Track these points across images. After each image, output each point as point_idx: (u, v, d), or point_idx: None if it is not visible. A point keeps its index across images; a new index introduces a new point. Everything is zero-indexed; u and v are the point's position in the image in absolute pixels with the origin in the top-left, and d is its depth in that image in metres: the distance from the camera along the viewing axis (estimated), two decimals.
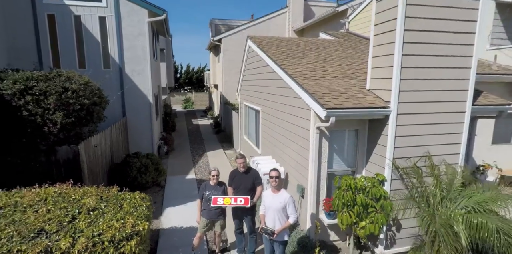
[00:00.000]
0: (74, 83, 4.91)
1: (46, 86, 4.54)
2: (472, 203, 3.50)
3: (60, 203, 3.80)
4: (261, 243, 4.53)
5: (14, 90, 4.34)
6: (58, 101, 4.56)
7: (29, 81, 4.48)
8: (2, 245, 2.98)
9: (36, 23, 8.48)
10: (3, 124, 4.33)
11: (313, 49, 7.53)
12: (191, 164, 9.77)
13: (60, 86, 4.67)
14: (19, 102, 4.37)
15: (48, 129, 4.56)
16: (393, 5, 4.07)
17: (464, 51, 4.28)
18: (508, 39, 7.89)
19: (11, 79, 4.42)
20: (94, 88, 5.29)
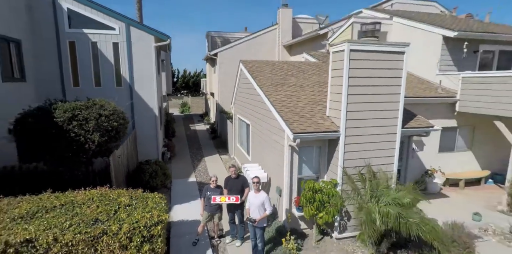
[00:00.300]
0: (106, 110, 6.45)
1: (87, 114, 6.08)
2: (390, 199, 5.12)
3: (104, 201, 5.35)
4: (248, 231, 6.12)
5: (65, 118, 5.87)
6: (95, 125, 6.10)
7: (74, 110, 6.01)
8: (74, 229, 4.54)
9: (59, 48, 9.95)
10: (57, 143, 5.86)
11: (293, 74, 9.12)
12: (192, 168, 11.32)
13: (96, 113, 6.21)
14: (68, 127, 5.89)
15: (88, 146, 6.09)
16: (341, 58, 5.68)
17: (393, 90, 5.92)
18: (453, 65, 9.59)
19: (62, 109, 5.94)
20: (119, 113, 6.82)
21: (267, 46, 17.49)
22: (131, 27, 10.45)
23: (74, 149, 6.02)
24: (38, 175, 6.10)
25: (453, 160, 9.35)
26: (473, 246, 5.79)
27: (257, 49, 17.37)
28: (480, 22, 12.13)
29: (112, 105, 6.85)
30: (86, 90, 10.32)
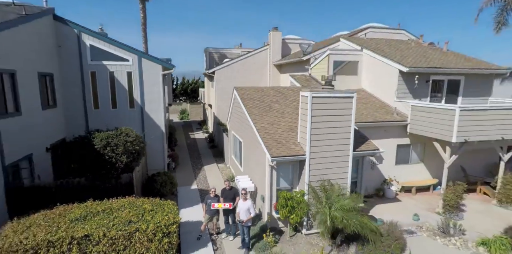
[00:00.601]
0: (130, 136, 8.46)
1: (117, 141, 8.08)
2: (338, 205, 7.16)
3: (133, 208, 7.35)
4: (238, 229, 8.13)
5: (101, 145, 7.87)
6: (123, 149, 8.10)
7: (108, 139, 8.01)
8: (116, 227, 6.54)
9: (82, 77, 11.93)
10: (95, 164, 7.85)
11: (277, 101, 11.15)
12: (193, 177, 13.33)
13: (124, 140, 8.22)
14: (104, 151, 7.89)
15: (118, 165, 8.09)
16: (306, 102, 7.73)
17: (346, 124, 7.98)
18: (409, 93, 11.69)
19: (99, 138, 7.94)
20: (140, 138, 8.82)
21: (260, 65, 19.51)
22: (142, 59, 12.45)
23: (108, 168, 8.02)
24: (81, 188, 8.08)
25: (408, 170, 11.45)
26: (404, 238, 7.87)
27: (250, 67, 19.39)
28: (439, 50, 14.25)
29: (134, 132, 8.85)
30: (104, 112, 12.33)
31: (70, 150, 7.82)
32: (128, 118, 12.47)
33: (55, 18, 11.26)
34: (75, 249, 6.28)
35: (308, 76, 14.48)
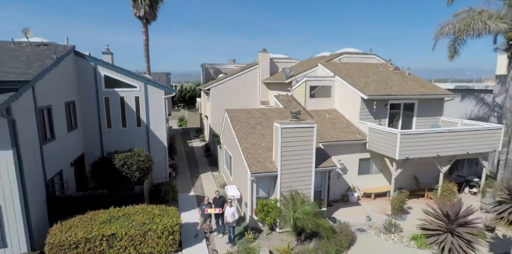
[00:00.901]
0: (141, 156, 10.77)
1: (132, 161, 10.40)
2: (301, 210, 9.51)
3: (145, 213, 9.68)
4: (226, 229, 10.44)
5: (119, 164, 10.18)
6: (136, 167, 10.41)
7: (125, 159, 10.31)
8: (134, 227, 8.89)
9: (98, 102, 14.19)
10: (114, 179, 10.15)
11: (261, 123, 13.46)
12: (191, 185, 15.65)
13: (137, 160, 10.53)
14: (121, 169, 10.20)
15: (132, 179, 10.41)
16: (277, 130, 10.08)
17: (308, 147, 10.34)
18: (370, 115, 14.07)
19: (117, 158, 10.25)
20: (149, 157, 11.12)
21: (250, 82, 21.84)
22: (148, 85, 14.75)
23: (124, 181, 10.34)
24: (104, 197, 10.38)
25: (369, 179, 13.84)
26: (354, 235, 10.24)
27: (242, 84, 21.72)
28: (402, 75, 16.63)
29: (144, 153, 11.16)
30: (116, 130, 14.61)
31: (96, 168, 10.14)
32: (136, 136, 14.77)
33: (76, 53, 13.54)
34: (104, 244, 8.60)
35: (290, 97, 16.82)
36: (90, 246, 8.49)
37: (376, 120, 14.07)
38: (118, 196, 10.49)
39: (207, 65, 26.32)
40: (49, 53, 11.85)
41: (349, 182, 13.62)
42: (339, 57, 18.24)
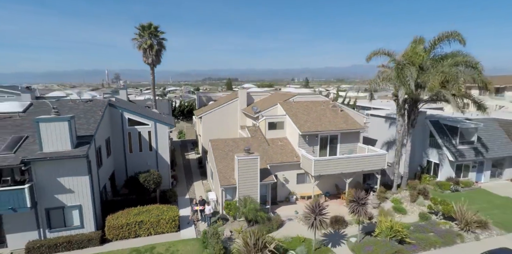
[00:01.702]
0: (155, 175, 17.74)
1: (149, 178, 17.38)
2: (248, 208, 16.34)
3: (159, 209, 16.73)
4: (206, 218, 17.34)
5: (142, 180, 17.15)
6: (153, 182, 17.39)
7: (145, 177, 17.29)
8: (153, 217, 15.96)
9: (123, 135, 21.12)
10: (139, 189, 17.12)
11: (232, 150, 20.32)
12: (186, 190, 22.60)
13: (152, 177, 17.51)
14: (144, 183, 17.18)
15: (149, 189, 17.40)
16: (237, 160, 17.00)
17: (255, 169, 17.28)
18: (306, 143, 20.94)
19: (142, 177, 17.24)
20: (159, 175, 18.07)
21: (232, 111, 28.74)
22: (157, 123, 21.68)
23: (145, 190, 17.33)
24: (133, 200, 17.33)
25: (304, 187, 20.76)
26: (282, 222, 17.17)
27: (226, 113, 28.62)
28: (336, 111, 23.45)
29: (157, 173, 18.15)
30: (135, 154, 21.54)
31: (129, 182, 17.09)
32: (148, 158, 21.71)
33: (110, 105, 20.46)
34: (137, 226, 15.58)
35: (256, 127, 23.71)
36: (129, 227, 15.46)
37: (310, 147, 20.98)
38: (142, 199, 17.43)
39: (201, 94, 33.25)
40: (96, 109, 18.78)
41: (290, 189, 20.55)
42: (293, 97, 25.14)
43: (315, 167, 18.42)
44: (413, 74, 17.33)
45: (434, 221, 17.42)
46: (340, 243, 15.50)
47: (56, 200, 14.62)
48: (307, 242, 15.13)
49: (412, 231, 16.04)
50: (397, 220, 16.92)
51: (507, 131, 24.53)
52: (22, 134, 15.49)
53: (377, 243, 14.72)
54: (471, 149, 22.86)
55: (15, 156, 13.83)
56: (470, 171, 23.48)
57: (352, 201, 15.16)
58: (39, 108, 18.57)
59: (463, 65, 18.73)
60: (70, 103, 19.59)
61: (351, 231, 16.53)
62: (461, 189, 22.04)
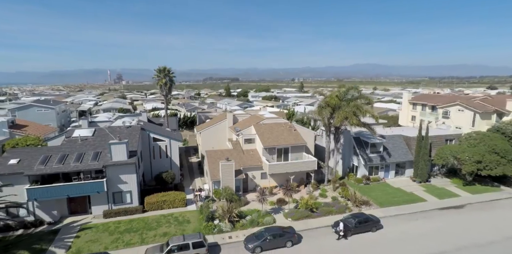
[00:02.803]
0: (171, 174, 29.36)
1: (168, 176, 28.98)
2: (226, 193, 27.72)
3: (174, 194, 28.45)
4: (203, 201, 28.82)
5: (164, 176, 28.75)
6: (170, 178, 29.00)
7: (166, 175, 28.92)
8: (171, 198, 27.77)
9: (149, 148, 32.73)
10: (163, 182, 28.73)
11: (220, 157, 31.76)
12: (190, 183, 34.20)
13: (169, 175, 29.13)
14: (165, 178, 28.80)
15: (169, 182, 29.03)
16: (220, 165, 28.52)
17: (231, 170, 28.81)
18: (268, 153, 32.47)
19: (164, 175, 28.84)
20: (174, 174, 29.62)
21: (223, 128, 40.19)
22: (171, 140, 33.25)
23: (166, 183, 28.97)
24: (159, 188, 28.91)
25: (266, 181, 32.19)
26: (248, 202, 28.66)
27: (219, 129, 40.06)
28: (292, 130, 34.88)
29: (173, 172, 29.79)
30: (157, 160, 33.19)
31: (156, 178, 28.63)
32: (165, 162, 33.26)
33: (142, 129, 32.01)
34: (162, 203, 27.22)
35: (237, 141, 35.16)
36: (158, 203, 27.07)
37: (271, 156, 32.38)
38: (163, 188, 28.98)
39: (200, 113, 44.64)
40: (134, 132, 30.36)
41: (256, 182, 32.01)
42: (264, 121, 36.53)
43: (270, 168, 29.89)
44: (327, 113, 28.75)
45: (338, 201, 28.88)
46: (279, 212, 27.01)
47: (118, 187, 26.19)
48: (259, 212, 26.62)
49: (322, 206, 27.51)
50: (318, 201, 28.41)
51: (407, 143, 35.90)
52: (97, 150, 27.05)
53: (298, 212, 26.24)
54: (378, 156, 34.27)
55: (98, 163, 25.39)
56: (379, 171, 34.91)
57: (284, 188, 26.71)
58: (100, 132, 30.11)
59: (365, 103, 30.14)
60: (118, 129, 31.15)
61: (288, 207, 28.02)
62: (371, 183, 33.49)
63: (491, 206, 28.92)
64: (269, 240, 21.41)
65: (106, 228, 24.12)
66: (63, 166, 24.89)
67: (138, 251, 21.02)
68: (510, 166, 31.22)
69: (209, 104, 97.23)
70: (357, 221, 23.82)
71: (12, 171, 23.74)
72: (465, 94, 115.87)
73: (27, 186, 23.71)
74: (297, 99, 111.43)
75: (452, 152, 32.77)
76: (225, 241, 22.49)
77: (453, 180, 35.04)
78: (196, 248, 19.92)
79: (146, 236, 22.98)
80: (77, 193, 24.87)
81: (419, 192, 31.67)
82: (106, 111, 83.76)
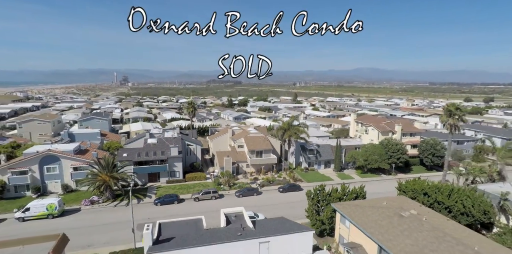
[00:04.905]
0: (198, 164, 55.46)
1: (197, 165, 55.10)
2: (228, 173, 53.44)
3: (200, 174, 54.70)
4: None
5: (195, 166, 54.89)
6: (198, 166, 55.10)
7: (195, 164, 55.04)
8: (199, 176, 54.29)
9: (185, 149, 58.93)
10: (194, 168, 54.86)
11: (223, 155, 57.62)
12: (207, 169, 60.30)
13: (197, 164, 55.25)
14: (195, 166, 54.92)
15: (197, 168, 55.18)
16: (223, 159, 54.50)
17: (230, 161, 54.85)
18: (250, 153, 58.44)
19: (195, 164, 54.97)
20: (200, 164, 55.65)
21: (225, 137, 66.30)
22: (196, 145, 59.40)
23: (196, 168, 55.13)
24: (191, 171, 55.00)
25: (249, 168, 58.06)
26: (238, 178, 54.63)
27: (223, 138, 66.11)
28: (264, 139, 60.76)
29: (198, 163, 55.96)
30: (189, 156, 59.41)
31: (190, 165, 54.58)
32: (193, 157, 59.26)
33: (181, 138, 58.10)
34: (194, 177, 53.38)
35: (234, 146, 61.10)
36: (192, 177, 53.16)
37: (253, 155, 58.14)
38: (194, 170, 54.95)
39: (212, 128, 70.59)
40: (178, 140, 56.60)
41: (244, 169, 57.90)
42: (249, 134, 62.39)
43: (250, 161, 55.88)
44: (281, 132, 54.79)
45: (286, 179, 54.75)
46: (253, 183, 52.91)
47: (172, 169, 52.41)
48: (243, 183, 52.52)
49: (276, 180, 53.36)
50: (276, 178, 54.36)
51: (332, 149, 61.71)
52: (162, 149, 53.15)
53: (263, 182, 52.24)
54: (314, 156, 60.10)
55: (163, 156, 51.52)
56: (315, 164, 60.74)
57: (258, 172, 52.87)
58: (161, 140, 56.20)
59: (303, 127, 56.10)
60: (170, 138, 57.22)
61: (259, 181, 53.90)
62: (309, 171, 59.34)
63: (367, 183, 54.67)
64: (245, 192, 47.36)
65: (169, 187, 50.13)
66: (147, 157, 51.00)
67: (188, 195, 46.99)
68: (383, 163, 57.00)
69: (214, 114, 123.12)
70: (289, 186, 49.80)
71: (126, 159, 49.82)
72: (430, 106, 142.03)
73: (132, 166, 49.76)
74: (286, 111, 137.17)
75: (355, 154, 58.62)
76: (225, 193, 48.46)
77: (357, 171, 60.84)
78: (213, 193, 45.82)
79: (189, 190, 48.95)
80: (153, 171, 51.00)
81: (333, 176, 57.51)
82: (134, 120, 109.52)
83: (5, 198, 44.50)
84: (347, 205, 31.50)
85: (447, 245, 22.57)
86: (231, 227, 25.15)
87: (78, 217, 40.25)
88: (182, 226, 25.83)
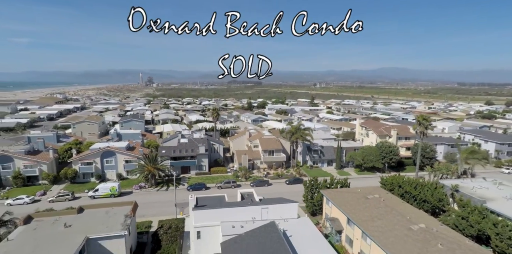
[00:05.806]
0: (221, 160, 67.69)
1: (220, 160, 67.40)
2: (245, 168, 65.10)
3: (222, 167, 66.99)
4: None
5: (218, 161, 67.18)
6: (221, 161, 67.36)
7: (218, 160, 67.31)
8: (221, 169, 66.64)
9: (209, 147, 71.43)
10: (217, 163, 67.15)
11: (241, 153, 69.42)
12: (228, 165, 72.46)
13: (220, 160, 67.48)
14: (218, 161, 67.18)
15: (220, 163, 67.43)
16: (240, 155, 66.25)
17: (246, 158, 66.55)
18: (263, 151, 69.89)
19: (218, 160, 67.28)
20: (221, 159, 67.75)
21: (243, 138, 78.08)
22: (219, 144, 71.69)
23: (219, 164, 67.40)
24: (215, 165, 67.37)
25: (263, 165, 69.55)
26: (253, 172, 66.31)
27: (241, 139, 78.04)
28: (276, 140, 71.92)
29: (221, 159, 68.21)
30: (212, 153, 71.83)
31: (214, 161, 66.88)
32: (216, 154, 71.57)
33: (207, 139, 70.65)
34: (218, 170, 65.71)
35: (250, 146, 72.77)
36: (216, 170, 65.42)
37: (266, 153, 69.47)
38: (218, 165, 67.13)
39: (232, 130, 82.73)
40: (204, 140, 69.13)
41: (259, 165, 69.37)
42: (263, 136, 73.75)
43: (263, 159, 67.29)
44: (289, 135, 65.85)
45: (293, 174, 65.71)
46: (266, 177, 64.30)
47: (200, 163, 64.97)
48: (257, 176, 64.09)
49: (285, 175, 64.46)
50: (285, 173, 65.50)
51: (334, 150, 71.76)
52: (191, 148, 65.80)
53: (273, 176, 63.55)
54: (318, 155, 70.52)
55: (193, 153, 64.15)
56: (319, 163, 71.15)
57: (270, 168, 64.32)
58: (189, 141, 68.97)
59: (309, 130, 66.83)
60: (198, 138, 69.84)
61: (271, 175, 65.22)
62: (313, 168, 69.91)
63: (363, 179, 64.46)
64: (258, 183, 58.90)
65: (198, 178, 62.57)
66: (180, 153, 63.81)
67: (212, 184, 59.19)
68: (378, 162, 66.50)
69: (234, 117, 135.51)
70: (294, 179, 60.84)
71: (164, 155, 62.86)
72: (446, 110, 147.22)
73: (169, 161, 62.68)
74: (301, 114, 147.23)
75: (353, 155, 68.54)
76: (242, 184, 60.22)
77: (355, 169, 70.60)
78: (232, 183, 57.70)
79: (213, 181, 61.14)
80: (185, 164, 63.79)
81: (333, 173, 67.72)
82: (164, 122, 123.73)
83: (76, 182, 58.86)
84: (331, 191, 42.26)
85: (390, 216, 32.93)
86: (244, 201, 36.51)
87: (131, 197, 53.47)
88: (211, 199, 37.62)
